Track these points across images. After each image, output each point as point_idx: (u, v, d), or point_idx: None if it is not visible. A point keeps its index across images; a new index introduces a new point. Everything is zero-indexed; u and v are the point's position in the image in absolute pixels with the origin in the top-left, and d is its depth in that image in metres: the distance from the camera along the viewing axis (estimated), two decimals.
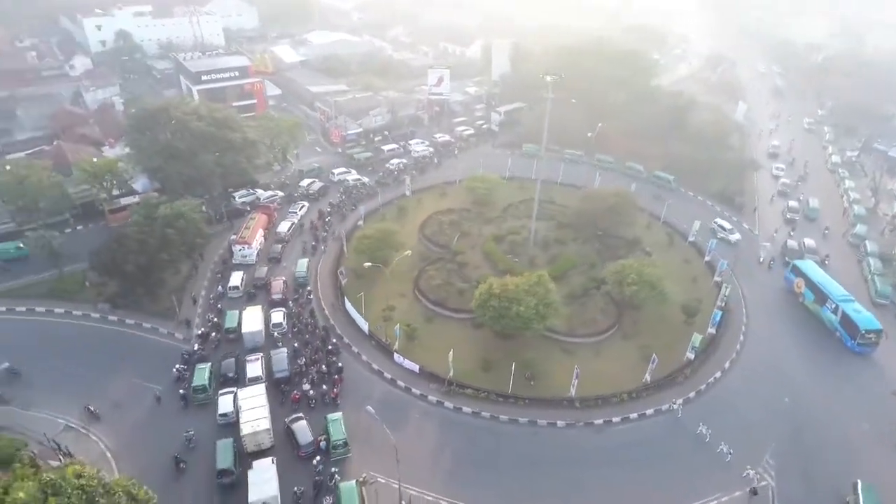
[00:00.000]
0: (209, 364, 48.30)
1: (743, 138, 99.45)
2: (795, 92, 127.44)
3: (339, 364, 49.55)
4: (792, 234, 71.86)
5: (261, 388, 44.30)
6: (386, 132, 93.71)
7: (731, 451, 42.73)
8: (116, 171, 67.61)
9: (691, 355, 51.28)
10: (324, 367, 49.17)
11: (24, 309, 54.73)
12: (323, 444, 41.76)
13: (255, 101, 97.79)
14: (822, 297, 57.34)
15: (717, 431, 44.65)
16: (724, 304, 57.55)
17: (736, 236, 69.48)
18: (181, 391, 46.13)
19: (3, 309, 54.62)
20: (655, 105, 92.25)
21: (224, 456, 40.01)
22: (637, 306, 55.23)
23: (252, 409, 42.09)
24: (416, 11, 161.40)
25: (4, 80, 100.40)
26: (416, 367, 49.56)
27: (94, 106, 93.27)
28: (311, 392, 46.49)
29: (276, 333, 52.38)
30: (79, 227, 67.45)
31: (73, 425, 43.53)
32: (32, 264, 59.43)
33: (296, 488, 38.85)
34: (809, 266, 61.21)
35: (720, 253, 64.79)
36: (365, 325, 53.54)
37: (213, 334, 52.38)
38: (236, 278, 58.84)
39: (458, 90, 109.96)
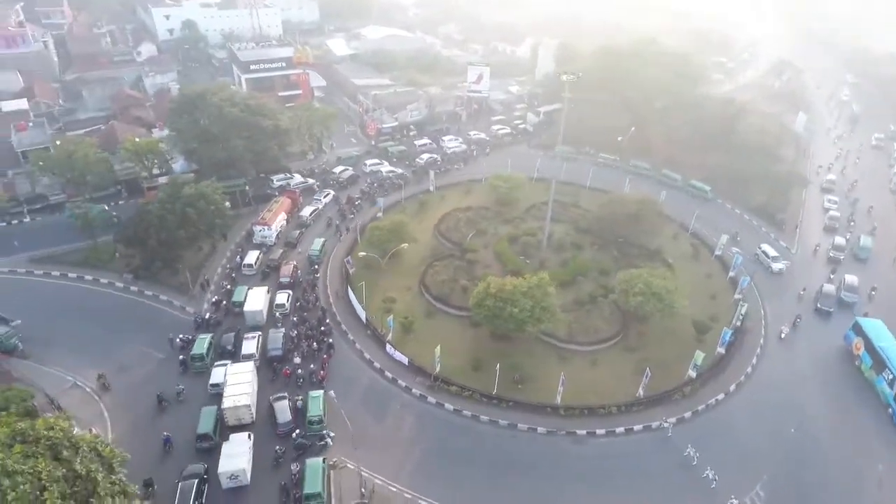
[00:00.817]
0: (210, 335, 50.75)
1: (799, 151, 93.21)
2: (868, 104, 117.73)
3: (330, 340, 51.18)
4: (832, 276, 63.39)
5: (249, 366, 45.95)
6: (415, 128, 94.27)
7: (717, 478, 40.46)
8: (157, 151, 71.78)
9: (693, 373, 48.78)
10: (315, 344, 50.75)
11: (58, 273, 59.19)
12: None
13: (300, 91, 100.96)
14: (880, 364, 48.77)
15: (707, 456, 42.35)
16: (739, 324, 54.38)
17: (779, 265, 63.23)
18: (181, 357, 48.80)
19: (41, 273, 59.30)
20: (701, 112, 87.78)
21: (206, 421, 42.06)
22: (643, 318, 53.08)
23: (236, 384, 43.74)
24: (473, 9, 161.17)
25: (80, 63, 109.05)
26: (405, 360, 49.86)
27: (152, 90, 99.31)
28: (301, 370, 48.11)
29: (277, 314, 54.21)
30: (120, 202, 72.27)
31: (79, 384, 46.76)
32: (73, 233, 64.00)
33: (277, 447, 41.12)
34: (875, 327, 52.03)
35: (754, 274, 60.86)
36: (363, 314, 54.38)
37: (224, 302, 55.20)
38: (252, 257, 61.35)
39: (501, 89, 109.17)
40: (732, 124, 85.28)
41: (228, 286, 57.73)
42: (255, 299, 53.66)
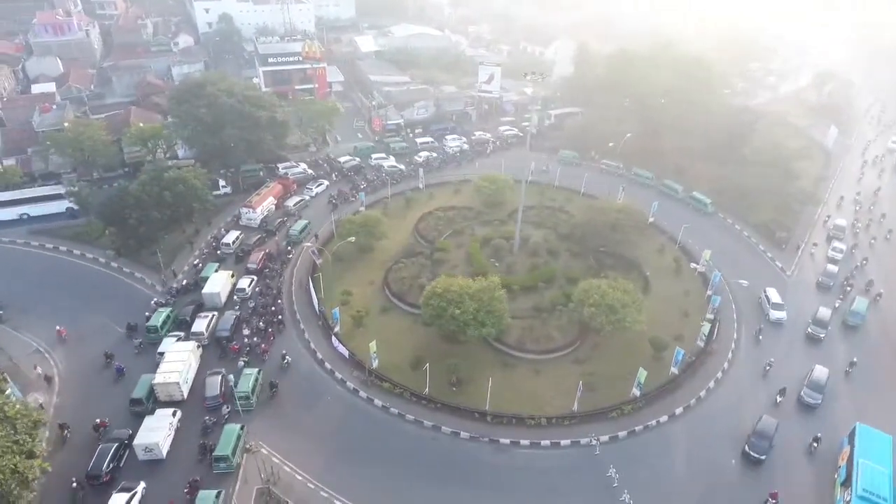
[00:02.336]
0: (170, 310, 53.00)
1: (827, 167, 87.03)
2: None
3: (280, 317, 53.36)
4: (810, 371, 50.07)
5: (189, 346, 47.49)
6: (422, 126, 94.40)
7: (632, 503, 38.50)
8: (161, 137, 75.30)
9: (637, 392, 46.58)
10: (261, 323, 52.61)
11: (51, 246, 63.20)
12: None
13: (316, 85, 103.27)
14: (847, 480, 39.17)
15: (629, 478, 40.48)
16: (702, 345, 51.52)
17: (780, 315, 55.77)
18: (129, 322, 51.95)
19: (37, 244, 63.48)
20: (716, 120, 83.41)
21: (140, 388, 44.41)
22: (598, 330, 51.09)
23: (172, 361, 45.35)
24: (510, 9, 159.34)
25: (119, 51, 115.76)
26: (346, 353, 50.18)
27: (178, 79, 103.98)
28: (248, 345, 50.42)
29: (236, 297, 55.85)
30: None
31: (41, 349, 49.81)
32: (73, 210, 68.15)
33: (207, 418, 43.18)
34: (871, 438, 41.20)
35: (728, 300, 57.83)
36: (316, 304, 55.12)
37: (185, 282, 58.05)
38: (231, 236, 64.01)
39: (517, 90, 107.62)
40: (745, 135, 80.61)
41: (199, 264, 60.37)
42: (215, 282, 55.43)
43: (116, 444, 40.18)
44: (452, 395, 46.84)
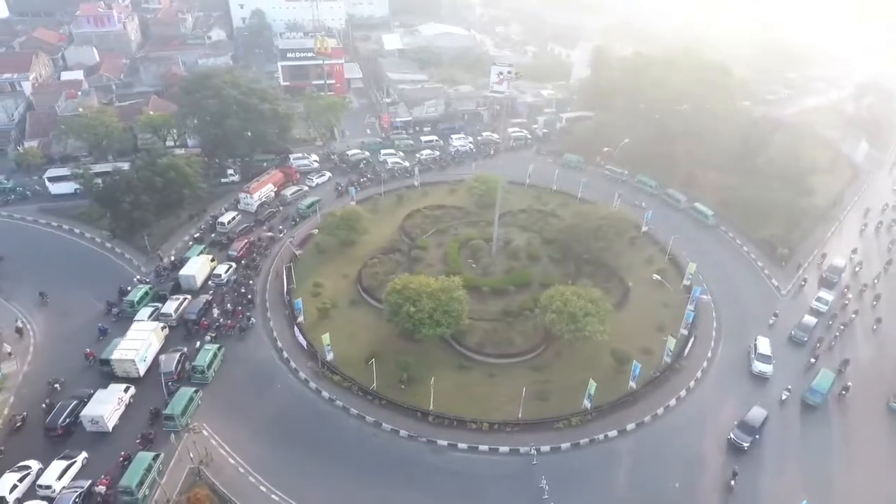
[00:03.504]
0: (149, 286, 55.74)
1: (851, 183, 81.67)
2: None
3: (249, 297, 55.60)
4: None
5: (152, 326, 49.23)
6: (431, 124, 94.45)
7: None
8: (170, 125, 78.41)
9: (587, 404, 45.07)
10: (228, 305, 54.72)
11: (56, 224, 66.71)
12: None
13: (334, 81, 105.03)
14: None
15: (560, 492, 39.26)
16: (668, 360, 49.38)
17: (761, 368, 49.29)
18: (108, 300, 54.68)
19: (44, 222, 67.09)
20: (732, 128, 79.56)
21: (110, 350, 46.83)
22: (559, 337, 49.76)
23: (132, 339, 47.13)
24: (543, 10, 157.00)
25: (155, 43, 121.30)
26: (304, 343, 50.77)
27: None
28: (216, 321, 52.68)
29: (211, 283, 57.49)
30: None
31: (23, 321, 52.68)
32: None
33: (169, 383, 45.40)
34: None
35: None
36: (285, 293, 56.03)
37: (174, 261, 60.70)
38: (228, 216, 67.53)
39: (534, 91, 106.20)
40: (760, 145, 76.61)
41: (192, 244, 63.54)
42: (193, 266, 57.26)
43: (76, 402, 42.83)
44: (401, 392, 46.66)
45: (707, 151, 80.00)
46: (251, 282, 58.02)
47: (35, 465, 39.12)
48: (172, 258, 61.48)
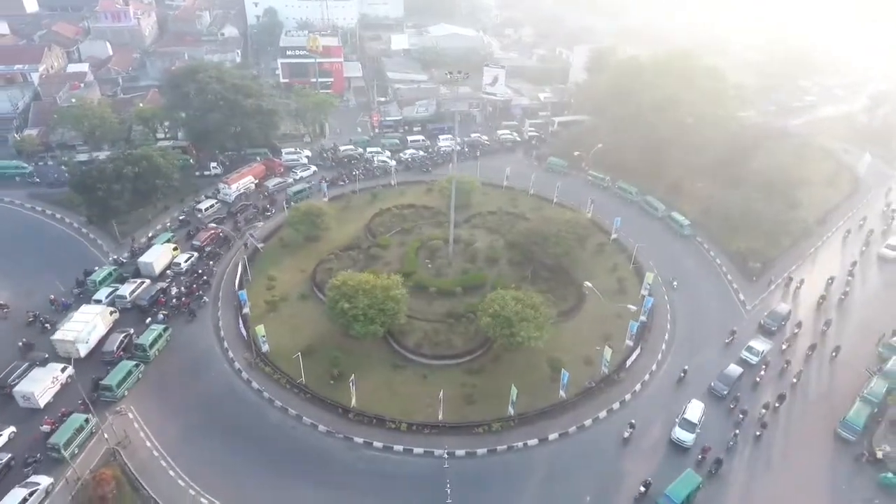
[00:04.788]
0: (112, 268, 58.31)
1: (850, 197, 77.77)
2: None
3: (206, 278, 58.24)
4: None
5: (98, 309, 50.82)
6: (421, 124, 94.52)
7: None
8: (160, 118, 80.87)
9: (511, 410, 44.27)
10: (183, 288, 56.73)
11: (40, 209, 69.34)
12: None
13: (332, 79, 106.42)
14: None
15: (464, 497, 38.70)
16: (605, 371, 48.06)
17: (687, 437, 42.97)
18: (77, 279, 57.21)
19: (29, 206, 69.87)
20: (720, 136, 76.86)
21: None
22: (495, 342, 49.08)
23: (78, 322, 48.79)
24: (560, 13, 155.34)
25: (171, 39, 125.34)
26: (245, 333, 51.50)
27: None
28: (174, 298, 55.16)
29: (170, 271, 59.01)
30: None
31: None
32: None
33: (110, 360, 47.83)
34: None
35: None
36: (237, 284, 56.97)
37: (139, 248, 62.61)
38: (206, 203, 70.03)
39: (532, 94, 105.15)
40: (746, 153, 73.79)
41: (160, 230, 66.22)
42: (153, 253, 58.95)
43: (27, 364, 45.86)
44: (329, 388, 46.83)
45: (695, 159, 77.47)
46: (212, 264, 60.17)
47: None
48: (143, 243, 63.47)
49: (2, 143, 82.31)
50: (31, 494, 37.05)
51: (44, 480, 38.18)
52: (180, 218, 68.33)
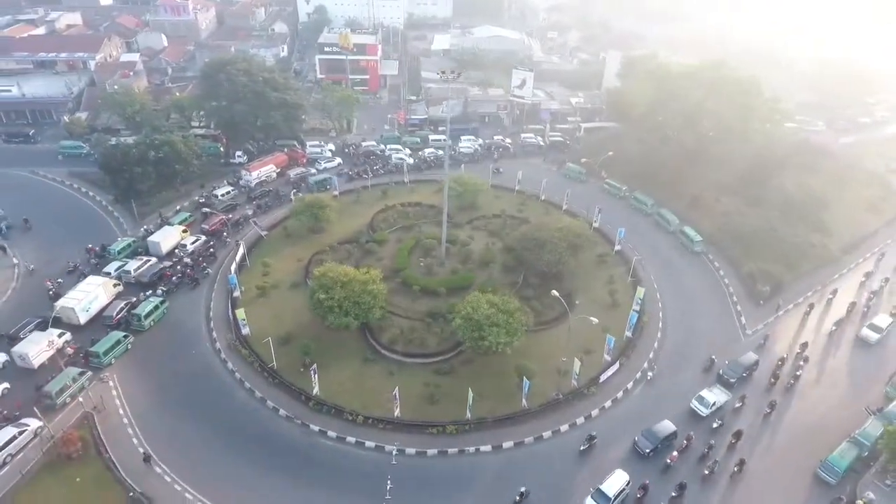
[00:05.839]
0: (133, 239, 62.66)
1: (891, 225, 71.73)
2: None
3: (212, 250, 62.35)
4: None
5: (101, 280, 54.44)
6: (446, 124, 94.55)
7: None
8: (194, 107, 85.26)
9: (468, 414, 43.91)
10: (189, 260, 60.63)
11: (76, 186, 74.73)
12: None
13: (368, 76, 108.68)
14: None
15: (402, 496, 38.69)
16: (575, 383, 46.73)
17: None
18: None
19: (68, 184, 75.52)
20: (750, 152, 72.90)
21: None
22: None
23: (79, 290, 52.48)
24: (609, 19, 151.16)
25: (226, 33, 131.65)
26: (231, 316, 53.53)
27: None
28: (178, 277, 58.39)
29: (176, 251, 62.19)
30: None
31: (24, 265, 59.98)
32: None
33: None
34: None
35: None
36: (233, 268, 59.26)
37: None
38: (223, 189, 73.43)
39: (564, 99, 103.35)
40: (771, 172, 69.59)
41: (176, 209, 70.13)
42: (162, 234, 62.30)
43: (38, 320, 50.32)
44: (298, 375, 47.97)
45: (718, 173, 73.84)
46: (218, 243, 63.98)
47: None
48: (159, 223, 67.17)
49: (57, 124, 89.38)
50: (20, 433, 40.82)
51: (33, 423, 41.81)
52: (199, 201, 71.79)
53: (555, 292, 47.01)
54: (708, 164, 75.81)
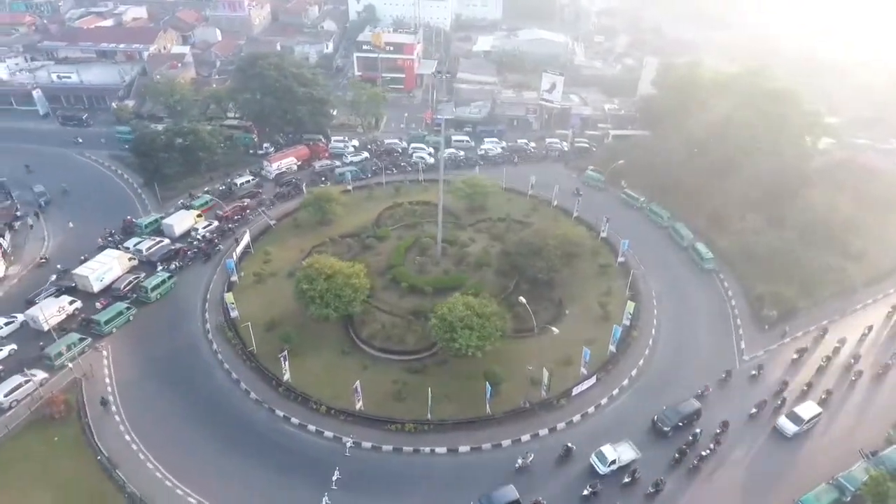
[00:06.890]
0: (159, 215, 67.07)
1: None
2: None
3: (230, 226, 67.05)
4: None
5: (117, 254, 58.39)
6: (473, 125, 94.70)
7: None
8: (229, 99, 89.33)
9: (429, 414, 43.87)
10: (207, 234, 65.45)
11: (114, 168, 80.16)
12: None
13: (404, 75, 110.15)
14: None
15: (351, 488, 39.29)
16: (545, 393, 45.72)
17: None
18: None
19: (106, 165, 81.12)
20: (778, 168, 68.53)
21: None
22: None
23: (96, 261, 56.63)
24: (662, 24, 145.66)
25: (277, 29, 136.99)
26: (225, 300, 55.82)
27: (299, 57, 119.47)
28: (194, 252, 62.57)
29: (191, 234, 65.46)
30: None
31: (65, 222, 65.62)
32: None
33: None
34: None
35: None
36: (235, 254, 61.66)
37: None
38: (244, 178, 76.87)
39: (597, 104, 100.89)
40: (797, 190, 65.19)
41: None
42: (176, 217, 65.74)
43: (57, 289, 54.85)
44: (276, 361, 49.25)
45: (744, 188, 69.84)
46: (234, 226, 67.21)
47: None
48: (180, 206, 70.84)
49: (108, 110, 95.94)
50: (25, 382, 45.01)
51: (39, 374, 46.11)
52: (220, 188, 75.11)
53: (522, 299, 46.16)
54: (734, 178, 71.78)
